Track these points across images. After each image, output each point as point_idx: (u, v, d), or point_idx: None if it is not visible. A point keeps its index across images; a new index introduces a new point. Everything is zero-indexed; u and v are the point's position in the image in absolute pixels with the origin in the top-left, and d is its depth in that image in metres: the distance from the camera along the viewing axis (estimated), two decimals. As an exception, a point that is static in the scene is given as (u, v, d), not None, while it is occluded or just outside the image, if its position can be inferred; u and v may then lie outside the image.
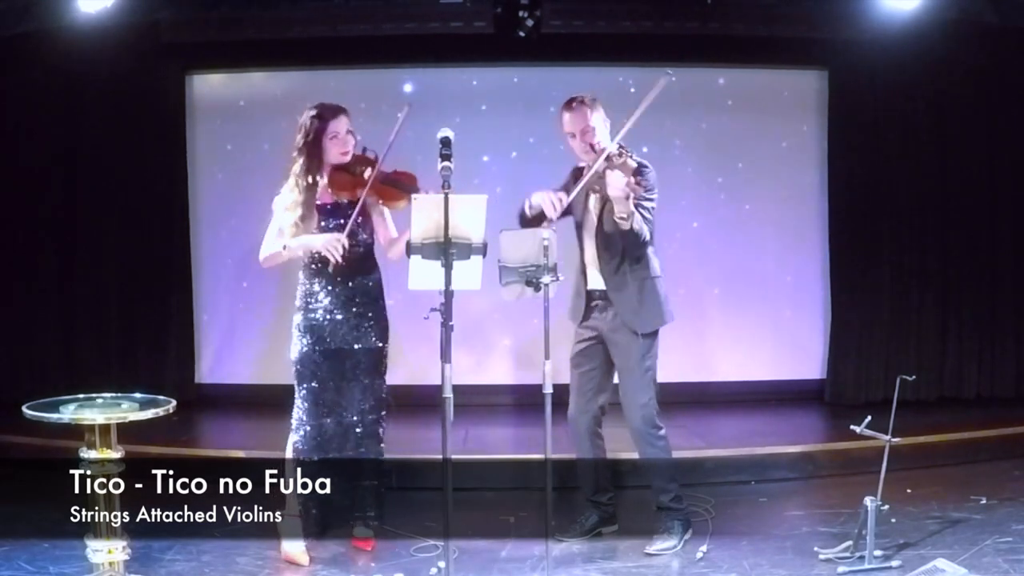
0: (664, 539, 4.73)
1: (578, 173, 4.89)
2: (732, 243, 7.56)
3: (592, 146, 4.76)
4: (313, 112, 4.64)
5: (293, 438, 4.69)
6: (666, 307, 4.89)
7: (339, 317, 4.68)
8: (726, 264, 7.52)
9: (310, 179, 4.61)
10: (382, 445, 4.82)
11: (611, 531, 5.06)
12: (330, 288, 4.68)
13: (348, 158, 4.66)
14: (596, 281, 4.89)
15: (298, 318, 4.73)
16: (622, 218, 4.57)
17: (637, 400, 4.80)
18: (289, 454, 4.70)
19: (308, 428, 4.67)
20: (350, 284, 4.69)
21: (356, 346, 4.71)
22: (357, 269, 4.70)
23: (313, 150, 4.61)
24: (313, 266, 4.69)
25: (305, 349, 4.69)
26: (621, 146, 4.61)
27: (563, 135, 4.88)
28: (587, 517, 5.05)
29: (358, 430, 4.73)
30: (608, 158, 4.56)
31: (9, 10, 6.39)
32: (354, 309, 4.70)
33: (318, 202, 4.65)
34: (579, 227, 4.96)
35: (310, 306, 4.68)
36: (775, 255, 7.71)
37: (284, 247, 4.63)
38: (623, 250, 4.77)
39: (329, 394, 4.69)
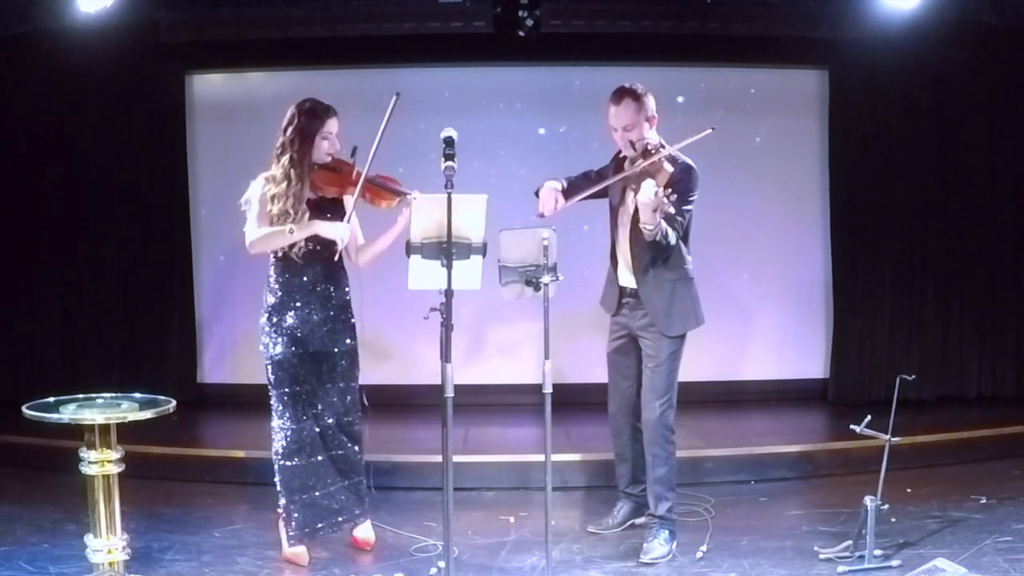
0: (657, 547, 4.69)
1: (619, 164, 4.82)
2: (732, 243, 7.55)
3: (633, 144, 4.64)
4: (308, 106, 4.64)
5: (274, 442, 4.66)
6: (696, 310, 4.84)
7: (316, 319, 4.66)
8: (727, 264, 7.51)
9: (301, 172, 4.58)
10: (360, 444, 4.82)
11: (644, 520, 5.00)
12: (307, 290, 4.65)
13: (330, 159, 4.67)
14: (627, 279, 4.86)
15: (271, 319, 4.65)
16: (647, 229, 4.46)
17: (657, 398, 4.77)
18: (274, 458, 4.68)
19: (289, 432, 4.63)
20: (325, 286, 4.68)
21: (334, 348, 4.71)
22: (332, 271, 4.70)
23: (305, 145, 4.60)
24: (288, 270, 4.63)
25: (283, 352, 4.64)
26: (661, 146, 4.54)
27: (606, 127, 4.79)
28: (619, 509, 5.10)
29: (336, 431, 4.72)
30: (646, 161, 4.44)
31: (9, 10, 6.39)
32: (331, 312, 4.70)
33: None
34: (614, 217, 4.89)
35: (287, 308, 4.64)
36: (776, 255, 7.71)
37: (291, 230, 4.50)
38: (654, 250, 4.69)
39: (308, 397, 4.68)
